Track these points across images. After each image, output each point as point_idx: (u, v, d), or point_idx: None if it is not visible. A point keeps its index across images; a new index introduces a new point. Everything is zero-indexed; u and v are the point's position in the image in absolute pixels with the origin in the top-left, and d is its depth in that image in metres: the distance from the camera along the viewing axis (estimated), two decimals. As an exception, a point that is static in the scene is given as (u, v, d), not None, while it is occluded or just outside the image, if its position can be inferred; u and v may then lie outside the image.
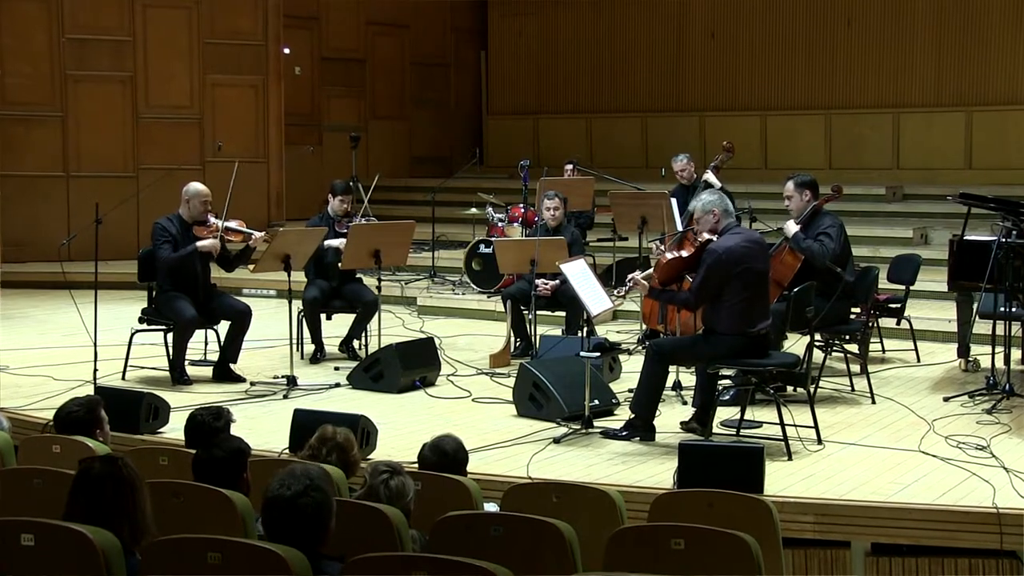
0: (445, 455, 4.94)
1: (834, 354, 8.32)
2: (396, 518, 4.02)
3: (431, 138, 17.95)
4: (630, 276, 6.93)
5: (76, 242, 9.14)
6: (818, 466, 6.29)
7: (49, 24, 13.72)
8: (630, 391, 7.19)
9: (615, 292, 7.15)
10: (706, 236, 6.67)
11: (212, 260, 8.43)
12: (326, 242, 8.89)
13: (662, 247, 8.32)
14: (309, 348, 9.16)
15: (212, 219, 8.35)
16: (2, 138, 13.57)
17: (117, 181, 13.68)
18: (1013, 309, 7.69)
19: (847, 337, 8.11)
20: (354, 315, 9.13)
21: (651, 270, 7.04)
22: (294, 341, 8.59)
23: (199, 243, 8.21)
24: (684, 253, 6.75)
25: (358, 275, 9.36)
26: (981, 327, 8.13)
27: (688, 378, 7.68)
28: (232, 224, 8.35)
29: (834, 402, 7.74)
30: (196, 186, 8.45)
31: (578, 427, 6.95)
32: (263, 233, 8.43)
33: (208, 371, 8.45)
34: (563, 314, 9.25)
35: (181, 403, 7.26)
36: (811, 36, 15.73)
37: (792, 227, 7.78)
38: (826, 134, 15.61)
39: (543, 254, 8.53)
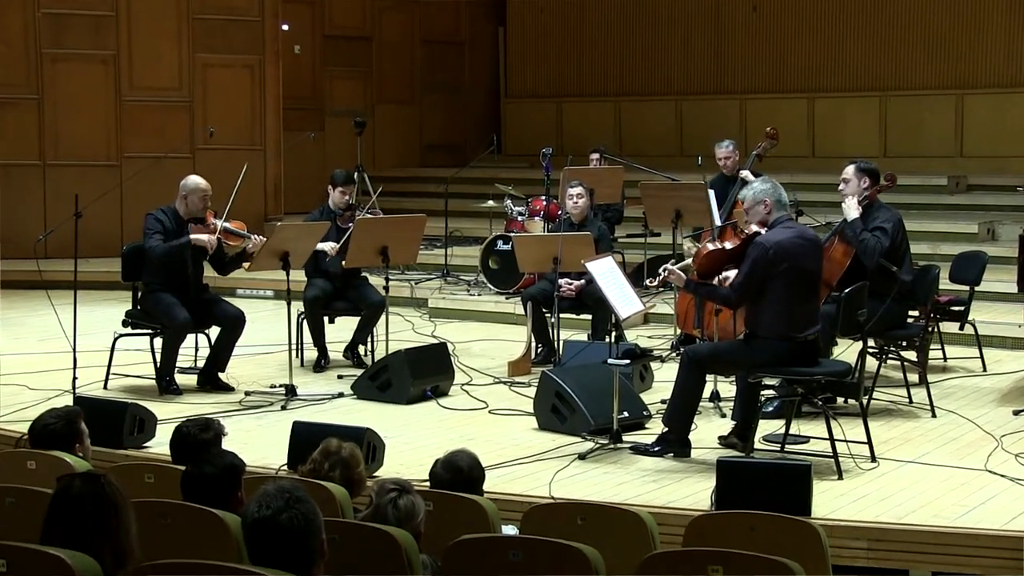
0: (459, 472, 4.94)
1: (889, 362, 8.29)
2: (405, 541, 4.03)
3: (444, 124, 17.97)
4: (664, 266, 6.91)
5: (53, 238, 9.17)
6: (872, 486, 6.27)
7: (24, -2, 13.80)
8: (663, 402, 7.19)
9: (645, 281, 7.12)
10: (754, 228, 6.66)
11: (205, 258, 8.45)
12: (319, 245, 8.87)
13: (697, 244, 8.31)
14: (310, 354, 9.18)
15: (212, 219, 8.37)
16: (-27, 123, 13.68)
17: (99, 170, 13.74)
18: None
19: (904, 343, 8.08)
20: (359, 318, 9.15)
21: (688, 261, 7.02)
22: (293, 346, 8.61)
23: (194, 236, 8.22)
24: (728, 244, 6.73)
25: (363, 274, 9.38)
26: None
27: (727, 388, 7.67)
28: (230, 226, 8.34)
29: (890, 415, 7.71)
30: (195, 180, 8.45)
31: (605, 442, 6.95)
32: (262, 238, 8.41)
33: (195, 379, 8.48)
34: (589, 317, 9.25)
35: (169, 415, 7.28)
36: (865, 9, 15.66)
37: (853, 209, 7.73)
38: (881, 118, 15.55)
39: (567, 251, 8.53)
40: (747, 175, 10.23)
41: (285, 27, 15.34)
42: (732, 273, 6.78)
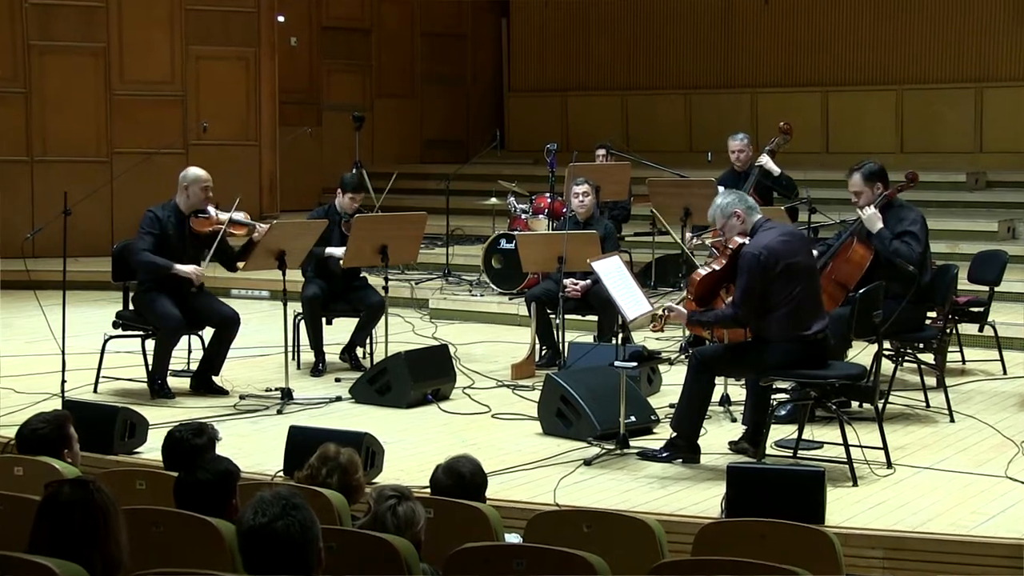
0: (461, 478, 4.95)
1: (906, 365, 8.28)
2: (405, 550, 4.03)
3: (445, 119, 17.98)
4: (666, 306, 6.95)
5: (42, 236, 9.17)
6: (888, 493, 6.27)
7: (9, -12, 13.81)
8: (671, 406, 7.19)
9: (650, 328, 7.15)
10: (738, 240, 6.68)
11: (204, 257, 8.45)
12: (328, 250, 8.87)
13: (706, 241, 8.31)
14: (307, 357, 9.18)
15: (212, 209, 8.38)
16: (-42, 118, 13.69)
17: (88, 166, 13.75)
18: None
19: (921, 345, 8.07)
20: (357, 319, 9.15)
21: (684, 293, 7.06)
22: (290, 349, 8.61)
23: (178, 268, 8.18)
24: (716, 266, 6.77)
25: (363, 274, 9.38)
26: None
27: (738, 392, 7.67)
28: (238, 216, 8.36)
29: (906, 420, 7.71)
30: (195, 171, 8.47)
31: (612, 447, 6.95)
32: (268, 226, 8.44)
33: (188, 382, 8.48)
34: (595, 319, 9.25)
35: (161, 419, 7.30)
36: (879, 0, 15.65)
37: (877, 221, 7.67)
38: (897, 113, 15.55)
39: (572, 250, 8.53)
40: (767, 161, 10.20)
41: (281, 19, 15.34)
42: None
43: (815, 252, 7.61)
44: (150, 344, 8.36)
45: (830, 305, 7.34)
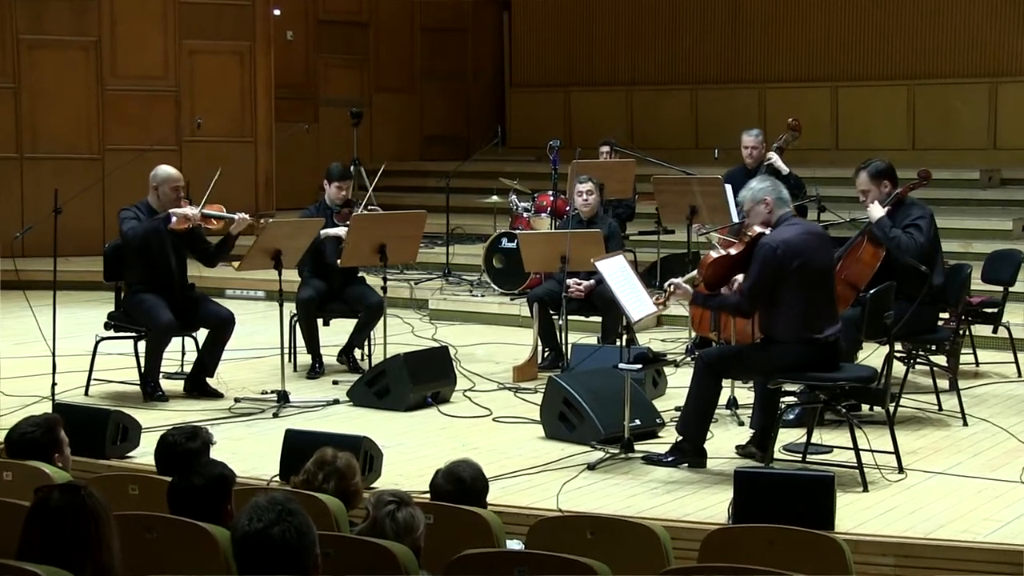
0: (461, 483, 4.95)
1: (918, 367, 8.29)
2: (404, 556, 4.04)
3: (445, 115, 17.98)
4: (670, 281, 6.94)
5: (32, 235, 9.17)
6: (899, 499, 6.27)
7: (-1, -19, 13.82)
8: (677, 409, 7.19)
9: (652, 300, 7.15)
10: (757, 229, 6.68)
11: (187, 250, 8.45)
12: (323, 231, 8.90)
13: (712, 238, 8.32)
14: (303, 359, 9.19)
15: (187, 206, 8.39)
16: (-54, 114, 13.69)
17: (79, 163, 13.77)
18: None
19: (933, 347, 8.08)
20: (355, 320, 9.16)
21: (694, 273, 7.05)
22: (286, 350, 8.62)
23: (174, 209, 8.20)
24: (733, 250, 6.76)
25: (360, 274, 9.38)
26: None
27: (745, 395, 7.67)
28: (209, 210, 8.36)
29: (918, 424, 7.71)
30: (165, 169, 8.48)
31: (616, 451, 6.96)
32: (245, 214, 8.44)
33: (181, 384, 8.49)
34: (599, 319, 9.25)
35: (154, 423, 7.31)
36: (891, -7, 15.68)
37: (877, 210, 7.72)
38: (909, 109, 15.54)
39: (575, 249, 8.53)
40: (776, 160, 10.19)
41: (277, 12, 15.35)
42: (741, 278, 6.80)
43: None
44: (142, 345, 8.36)
45: (840, 306, 7.33)
